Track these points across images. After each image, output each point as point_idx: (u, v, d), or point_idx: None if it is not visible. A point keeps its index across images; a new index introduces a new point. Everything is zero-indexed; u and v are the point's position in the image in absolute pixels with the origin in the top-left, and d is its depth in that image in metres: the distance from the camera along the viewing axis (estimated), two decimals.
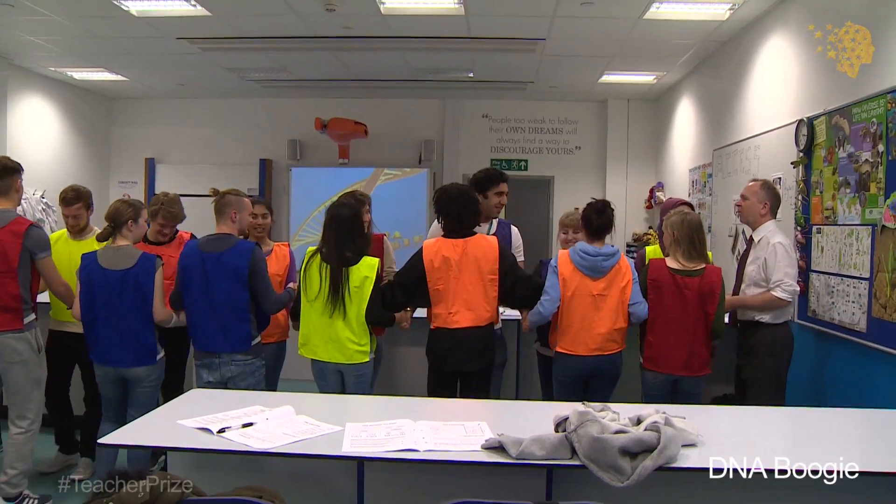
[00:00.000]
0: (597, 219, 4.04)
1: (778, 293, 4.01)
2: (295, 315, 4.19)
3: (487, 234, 4.43)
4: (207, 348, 3.96)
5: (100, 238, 3.94)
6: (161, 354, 4.01)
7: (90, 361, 4.03)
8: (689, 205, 4.81)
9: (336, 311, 3.83)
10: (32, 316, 4.10)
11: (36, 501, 4.12)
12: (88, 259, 3.91)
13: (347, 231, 3.92)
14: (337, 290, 3.83)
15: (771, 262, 4.04)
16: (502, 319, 4.51)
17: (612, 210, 4.12)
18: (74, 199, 4.62)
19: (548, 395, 4.47)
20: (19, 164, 4.23)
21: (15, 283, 3.94)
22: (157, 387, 4.05)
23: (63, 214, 4.70)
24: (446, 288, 3.93)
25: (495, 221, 4.66)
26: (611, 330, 3.93)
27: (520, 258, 4.51)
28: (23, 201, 6.54)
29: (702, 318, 3.89)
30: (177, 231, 4.75)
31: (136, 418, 3.08)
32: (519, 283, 4.00)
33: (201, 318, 3.96)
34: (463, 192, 4.10)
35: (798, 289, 4.13)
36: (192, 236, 4.62)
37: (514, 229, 4.73)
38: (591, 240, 4.04)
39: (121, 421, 3.88)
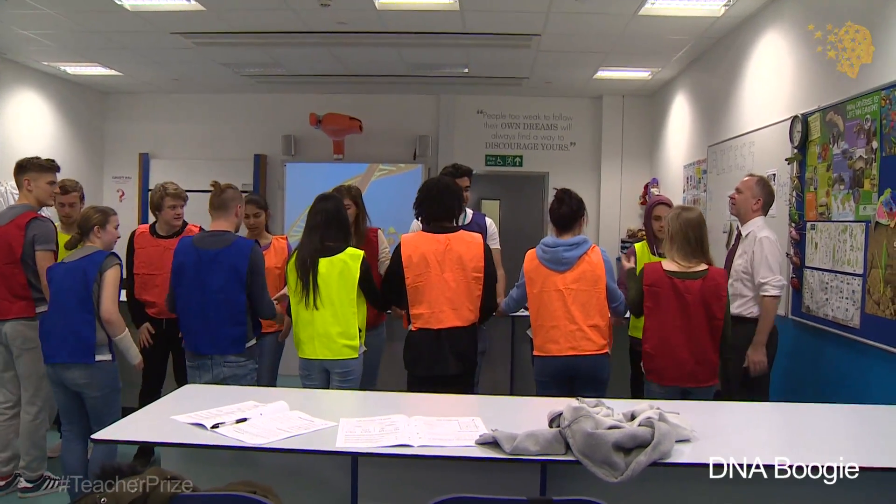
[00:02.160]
0: (558, 208, 3.91)
1: (769, 291, 3.98)
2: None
3: (462, 222, 4.44)
4: (199, 349, 3.86)
5: (68, 246, 3.89)
6: (105, 357, 3.77)
7: None
8: (668, 203, 4.76)
9: (310, 301, 3.76)
10: (47, 306, 4.13)
11: (57, 482, 4.26)
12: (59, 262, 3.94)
13: (322, 222, 3.85)
14: (306, 279, 3.77)
15: (758, 257, 4.04)
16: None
17: (578, 200, 3.95)
18: (73, 188, 4.74)
19: None
20: (48, 162, 4.37)
21: (22, 273, 4.08)
22: (109, 395, 3.79)
23: (59, 203, 4.75)
24: (427, 285, 3.83)
25: (470, 213, 4.69)
26: (584, 327, 3.74)
27: (495, 246, 4.57)
28: (11, 195, 6.63)
29: (707, 325, 3.62)
30: (185, 224, 4.76)
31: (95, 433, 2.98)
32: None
33: (194, 319, 3.85)
34: (447, 182, 4.09)
35: (784, 281, 4.10)
36: (202, 230, 4.62)
37: (488, 220, 4.80)
38: (558, 232, 3.91)
39: (83, 435, 3.83)
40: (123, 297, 4.36)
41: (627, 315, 4.16)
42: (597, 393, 3.70)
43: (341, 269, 3.79)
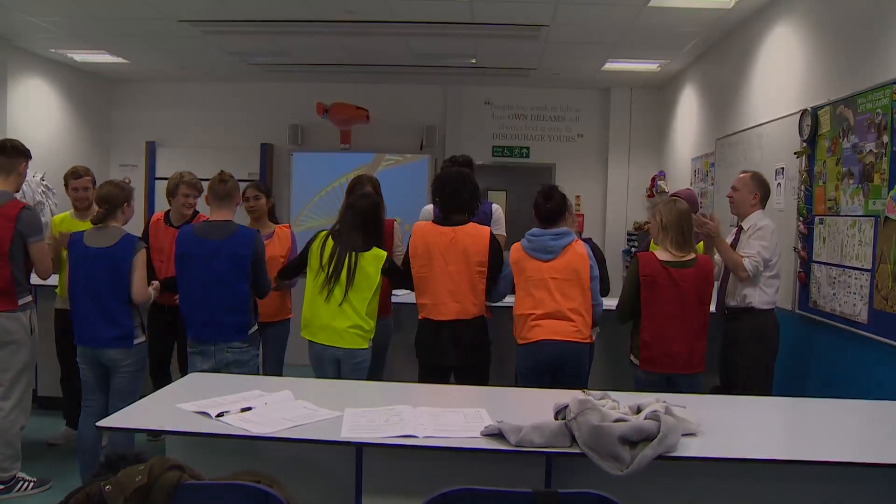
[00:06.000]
0: (544, 204, 3.93)
1: (746, 262, 4.05)
2: (282, 274, 4.32)
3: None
4: (202, 337, 3.89)
5: (94, 221, 3.90)
6: (141, 339, 3.92)
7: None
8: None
9: (332, 294, 3.82)
10: (28, 297, 4.11)
11: (32, 484, 4.11)
12: (76, 237, 3.90)
13: (363, 221, 3.94)
14: (339, 273, 3.81)
15: (755, 239, 4.13)
16: (496, 306, 4.50)
17: (563, 195, 3.99)
18: (85, 172, 4.75)
19: None
20: (28, 150, 4.27)
21: (7, 266, 3.94)
22: (137, 373, 3.94)
23: (72, 188, 4.78)
24: (431, 276, 3.87)
25: None
26: (568, 314, 3.77)
27: (501, 232, 4.59)
28: (23, 184, 6.59)
29: (699, 311, 3.76)
30: (196, 213, 4.79)
31: (118, 408, 3.04)
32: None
33: (197, 307, 3.87)
34: (465, 175, 4.08)
35: (761, 269, 4.13)
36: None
37: (494, 206, 4.82)
38: (544, 228, 3.94)
39: (103, 410, 3.85)
40: None
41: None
42: (574, 385, 3.72)
43: (369, 266, 3.87)
